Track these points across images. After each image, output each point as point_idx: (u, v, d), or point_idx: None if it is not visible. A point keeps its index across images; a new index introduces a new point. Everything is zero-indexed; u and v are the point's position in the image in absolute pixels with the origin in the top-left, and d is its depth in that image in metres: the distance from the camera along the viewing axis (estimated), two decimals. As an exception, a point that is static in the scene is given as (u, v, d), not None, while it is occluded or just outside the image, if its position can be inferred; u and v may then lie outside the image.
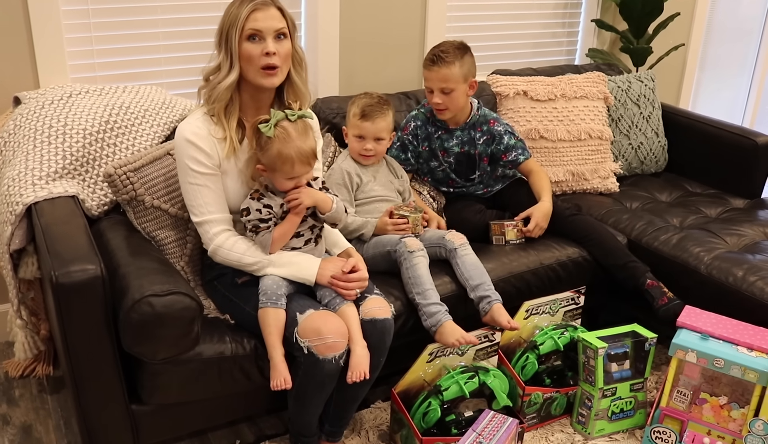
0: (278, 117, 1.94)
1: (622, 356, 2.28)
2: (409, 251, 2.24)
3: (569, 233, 2.63)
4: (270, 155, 1.93)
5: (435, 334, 2.15)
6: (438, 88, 2.58)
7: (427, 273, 2.23)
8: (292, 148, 1.92)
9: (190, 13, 2.71)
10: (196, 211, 2.01)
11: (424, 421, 2.11)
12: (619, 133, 3.24)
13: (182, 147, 1.98)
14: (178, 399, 1.97)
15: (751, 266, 2.44)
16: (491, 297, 2.26)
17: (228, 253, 2.00)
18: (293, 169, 1.94)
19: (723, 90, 4.68)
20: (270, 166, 1.95)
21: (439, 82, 2.56)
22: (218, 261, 2.03)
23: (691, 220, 2.85)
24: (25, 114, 2.24)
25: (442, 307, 2.17)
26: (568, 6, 3.69)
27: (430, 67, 2.57)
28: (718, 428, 2.18)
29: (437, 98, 2.59)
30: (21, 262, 2.14)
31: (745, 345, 2.14)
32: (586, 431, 2.32)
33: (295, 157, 1.92)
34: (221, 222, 2.01)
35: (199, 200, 1.99)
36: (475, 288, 2.28)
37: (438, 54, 2.55)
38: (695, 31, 4.15)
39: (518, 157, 2.75)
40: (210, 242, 2.01)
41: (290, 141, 1.92)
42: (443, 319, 2.15)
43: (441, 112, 2.64)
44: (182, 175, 2.01)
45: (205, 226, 2.01)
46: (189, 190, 2.00)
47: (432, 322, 2.15)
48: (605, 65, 3.47)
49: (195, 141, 1.96)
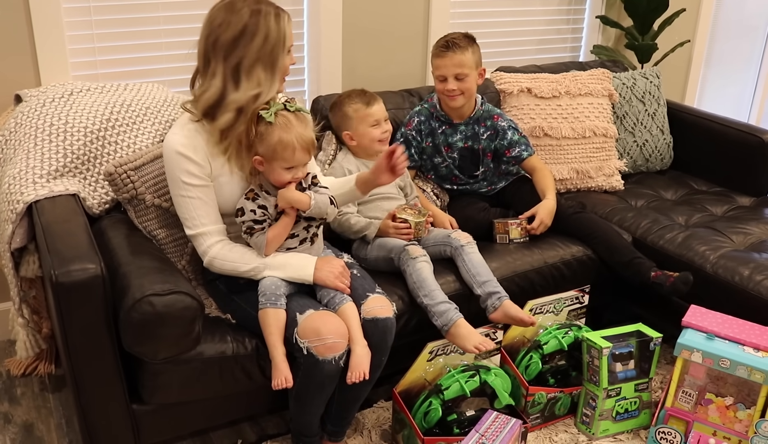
0: (278, 106, 1.93)
1: (626, 356, 2.27)
2: (411, 258, 2.23)
3: (573, 231, 2.61)
4: (270, 142, 1.91)
5: (447, 334, 2.12)
6: (452, 74, 2.58)
7: (432, 276, 2.22)
8: (292, 134, 1.91)
9: (191, 10, 2.70)
10: (189, 224, 1.99)
11: (426, 420, 2.10)
12: (624, 131, 3.22)
13: (173, 160, 1.94)
14: (179, 398, 1.96)
15: (757, 265, 2.42)
16: (500, 293, 2.25)
17: (223, 263, 1.99)
18: (294, 156, 1.92)
19: (729, 87, 4.66)
20: (269, 155, 1.93)
21: (453, 67, 2.58)
22: (215, 271, 2.02)
23: (697, 219, 2.83)
24: (26, 112, 2.23)
25: (451, 304, 2.15)
26: (572, 2, 3.67)
27: (444, 54, 2.58)
28: (724, 429, 2.16)
29: (452, 85, 2.59)
30: (22, 260, 2.14)
31: (751, 345, 2.13)
32: (591, 431, 2.31)
33: (296, 143, 1.91)
34: (215, 234, 1.99)
35: (192, 213, 1.97)
36: (482, 284, 2.26)
37: (450, 41, 2.58)
38: (701, 28, 4.13)
39: (522, 153, 2.73)
40: (205, 255, 2.00)
41: (291, 127, 1.91)
42: (454, 317, 2.11)
43: (454, 98, 2.62)
44: (174, 188, 1.98)
45: (199, 238, 1.99)
46: (181, 203, 1.98)
47: (443, 321, 2.12)
48: (610, 62, 3.45)
49: (186, 153, 1.93)
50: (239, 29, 1.90)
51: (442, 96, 2.66)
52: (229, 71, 1.92)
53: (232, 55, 1.91)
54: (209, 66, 1.94)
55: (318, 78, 3.01)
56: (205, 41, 1.94)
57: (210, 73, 1.94)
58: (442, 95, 2.66)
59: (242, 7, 1.91)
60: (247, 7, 1.91)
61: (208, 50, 1.93)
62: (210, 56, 1.93)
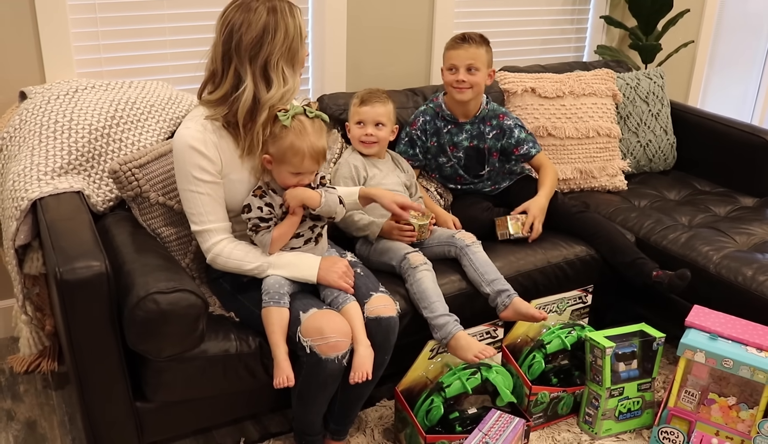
0: (297, 110, 1.93)
1: (629, 356, 2.27)
2: (412, 267, 2.22)
3: (577, 230, 2.62)
4: (282, 145, 1.91)
5: (447, 346, 2.12)
6: (464, 65, 2.60)
7: (433, 285, 2.21)
8: (305, 142, 1.91)
9: (196, 8, 2.70)
10: (196, 219, 1.98)
11: (428, 418, 2.10)
12: (628, 131, 3.22)
13: (185, 154, 1.93)
14: (183, 396, 1.97)
15: (760, 265, 2.42)
16: (509, 290, 2.25)
17: (227, 260, 1.98)
18: (302, 164, 1.92)
19: (732, 87, 4.66)
20: (279, 157, 1.93)
21: (467, 59, 2.59)
22: (218, 268, 2.02)
23: (700, 219, 2.83)
24: (31, 109, 2.23)
25: (450, 317, 2.14)
26: (576, 2, 3.67)
27: (459, 45, 2.60)
28: (727, 429, 2.16)
29: (462, 76, 2.60)
30: (26, 257, 2.14)
31: (754, 345, 2.13)
32: (593, 431, 2.31)
33: (306, 152, 1.91)
34: (221, 231, 1.99)
35: (199, 209, 1.96)
36: (491, 283, 2.26)
37: (467, 35, 2.62)
38: (704, 28, 4.13)
39: (530, 150, 2.74)
40: (209, 251, 1.99)
41: (306, 135, 1.91)
42: (453, 331, 2.11)
43: (463, 91, 2.62)
44: (183, 183, 1.96)
45: (205, 234, 1.98)
46: (189, 198, 1.97)
47: (443, 335, 2.12)
48: (614, 62, 3.45)
49: (199, 147, 1.92)
50: (261, 28, 1.88)
51: (450, 88, 2.65)
52: (259, 72, 1.90)
53: (258, 55, 1.89)
54: (230, 69, 1.91)
55: (322, 76, 3.01)
56: (225, 44, 1.90)
57: (233, 77, 1.91)
58: (450, 87, 2.65)
59: (257, 6, 1.89)
60: (262, 5, 1.89)
61: (230, 53, 1.90)
62: (233, 59, 1.90)
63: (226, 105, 1.93)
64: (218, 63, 1.93)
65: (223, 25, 1.91)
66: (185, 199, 1.98)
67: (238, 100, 1.90)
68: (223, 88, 1.93)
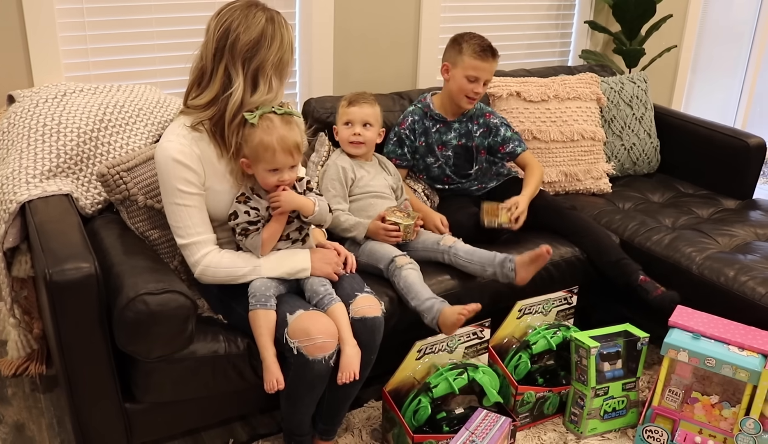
0: (265, 109, 1.93)
1: (614, 356, 2.29)
2: (398, 267, 2.25)
3: (567, 226, 2.65)
4: (252, 143, 1.91)
5: (439, 325, 2.12)
6: (486, 79, 2.65)
7: (418, 279, 2.23)
8: (274, 136, 1.90)
9: (183, 12, 2.71)
10: (183, 233, 1.96)
11: (415, 419, 2.12)
12: (612, 134, 3.25)
13: (169, 167, 1.91)
14: (172, 397, 1.97)
15: (742, 266, 2.45)
16: (508, 255, 2.31)
17: (216, 270, 1.97)
18: (275, 158, 1.91)
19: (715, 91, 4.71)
20: (253, 157, 1.93)
21: (490, 73, 2.66)
22: (206, 282, 2.00)
23: (683, 221, 2.87)
24: (19, 112, 2.23)
25: (436, 299, 2.17)
26: (561, 7, 3.71)
27: (486, 58, 2.62)
28: (710, 427, 2.19)
29: (481, 89, 2.65)
30: (14, 260, 2.14)
31: (736, 344, 2.16)
32: (579, 430, 2.33)
33: (276, 145, 1.90)
34: (208, 243, 1.98)
35: (186, 221, 1.95)
36: (492, 260, 2.31)
37: (492, 48, 2.63)
38: (688, 33, 4.18)
39: (516, 148, 2.77)
40: (197, 264, 1.97)
41: (273, 129, 1.90)
42: (440, 307, 2.13)
43: (473, 102, 2.69)
44: (168, 196, 1.95)
45: (192, 247, 1.97)
46: (175, 211, 1.95)
47: (432, 315, 2.13)
48: (598, 66, 3.49)
49: (183, 160, 1.91)
50: (259, 33, 1.89)
51: (461, 96, 2.66)
52: (249, 75, 1.91)
53: (253, 59, 1.90)
54: (220, 69, 1.91)
55: (309, 81, 3.03)
56: (218, 42, 1.89)
57: (223, 76, 1.91)
58: (461, 95, 2.66)
59: (256, 12, 1.91)
60: (261, 11, 1.91)
61: (223, 51, 1.89)
62: (225, 58, 1.90)
63: (216, 106, 1.93)
64: (208, 61, 1.92)
65: (219, 23, 1.91)
66: (170, 212, 1.96)
67: (228, 100, 1.91)
68: (213, 90, 1.92)
